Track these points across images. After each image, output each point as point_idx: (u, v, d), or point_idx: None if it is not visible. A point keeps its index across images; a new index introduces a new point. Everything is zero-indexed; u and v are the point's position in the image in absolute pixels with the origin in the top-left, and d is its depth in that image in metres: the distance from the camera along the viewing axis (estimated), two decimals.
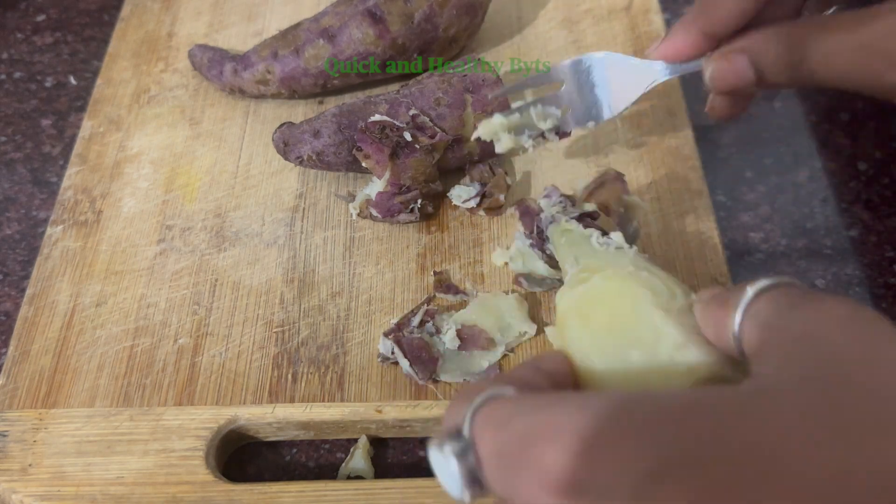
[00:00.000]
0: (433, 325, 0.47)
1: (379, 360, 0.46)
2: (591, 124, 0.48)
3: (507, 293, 0.48)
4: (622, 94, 0.48)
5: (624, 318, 0.37)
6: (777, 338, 0.31)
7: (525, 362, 0.36)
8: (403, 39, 0.56)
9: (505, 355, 0.46)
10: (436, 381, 0.45)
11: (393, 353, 0.46)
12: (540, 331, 0.47)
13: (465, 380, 0.45)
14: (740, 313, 0.32)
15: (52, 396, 0.46)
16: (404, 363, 0.45)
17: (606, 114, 0.48)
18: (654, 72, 0.46)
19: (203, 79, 0.62)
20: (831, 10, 0.44)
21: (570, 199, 0.48)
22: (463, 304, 0.48)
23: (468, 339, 0.46)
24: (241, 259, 0.51)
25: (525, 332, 0.47)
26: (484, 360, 0.46)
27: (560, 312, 0.39)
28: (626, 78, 0.47)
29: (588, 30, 0.63)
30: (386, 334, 0.46)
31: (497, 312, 0.47)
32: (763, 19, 0.43)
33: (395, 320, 0.47)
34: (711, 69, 0.43)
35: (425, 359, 0.45)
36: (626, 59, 0.47)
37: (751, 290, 0.32)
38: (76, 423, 0.45)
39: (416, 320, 0.47)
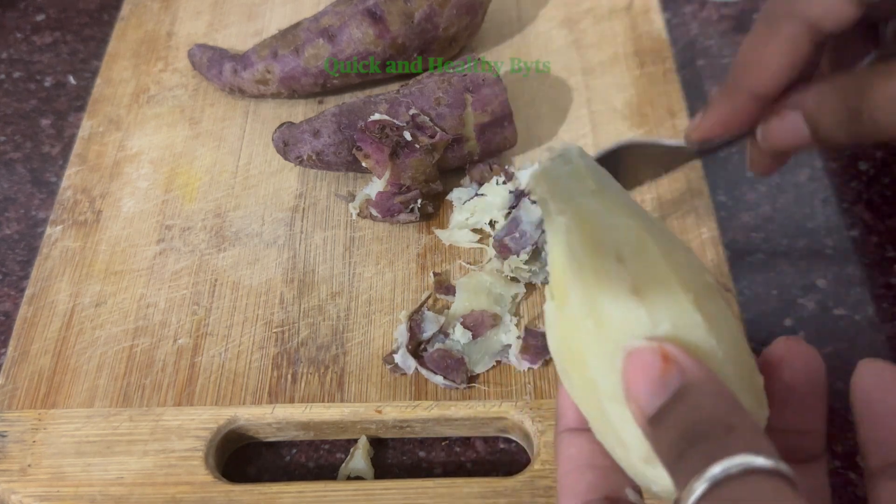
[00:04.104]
0: (440, 332, 0.47)
1: (389, 367, 0.46)
2: None
3: (479, 267, 0.49)
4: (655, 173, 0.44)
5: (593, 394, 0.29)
6: None
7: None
8: (403, 39, 0.56)
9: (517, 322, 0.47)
10: (474, 379, 0.45)
11: (416, 369, 0.45)
12: (529, 286, 0.48)
13: (496, 361, 0.45)
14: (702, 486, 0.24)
15: (52, 397, 0.46)
16: (437, 379, 0.45)
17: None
18: (684, 154, 0.42)
19: (203, 78, 0.61)
20: (867, 59, 0.39)
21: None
22: None
23: (476, 325, 0.46)
24: (241, 259, 0.51)
25: (517, 294, 0.48)
26: (501, 335, 0.46)
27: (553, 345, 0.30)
28: (655, 160, 0.43)
29: (588, 29, 0.63)
30: (409, 352, 0.46)
31: (483, 288, 0.48)
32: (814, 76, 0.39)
33: (403, 326, 0.47)
34: (763, 127, 0.40)
35: (453, 365, 0.45)
36: (653, 142, 0.43)
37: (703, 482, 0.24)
38: (75, 423, 0.45)
39: (427, 335, 0.46)
